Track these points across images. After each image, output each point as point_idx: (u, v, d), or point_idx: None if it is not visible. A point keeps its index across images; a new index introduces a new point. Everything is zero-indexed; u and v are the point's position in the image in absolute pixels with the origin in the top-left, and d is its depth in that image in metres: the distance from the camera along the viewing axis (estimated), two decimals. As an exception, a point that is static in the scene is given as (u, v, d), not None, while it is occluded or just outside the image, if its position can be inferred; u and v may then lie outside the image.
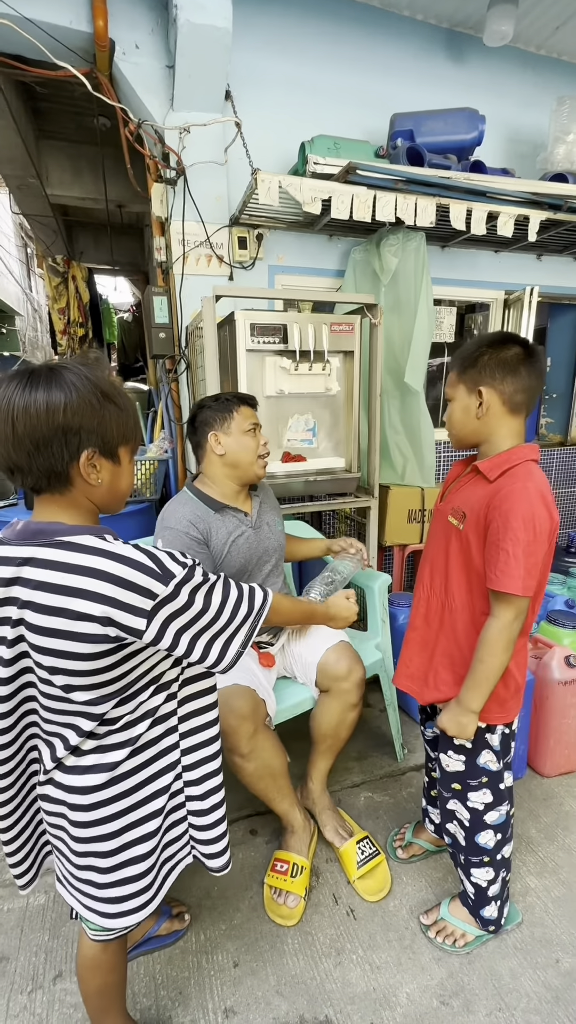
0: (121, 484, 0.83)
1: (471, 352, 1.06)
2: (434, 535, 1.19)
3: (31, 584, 0.72)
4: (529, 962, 1.24)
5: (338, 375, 2.05)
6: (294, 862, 1.39)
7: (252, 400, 1.52)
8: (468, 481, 1.12)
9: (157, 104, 2.23)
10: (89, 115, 3.35)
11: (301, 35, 2.43)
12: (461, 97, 2.66)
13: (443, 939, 1.26)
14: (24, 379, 0.70)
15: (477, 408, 1.06)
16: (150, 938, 1.25)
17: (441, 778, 1.24)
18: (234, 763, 1.33)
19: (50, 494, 0.76)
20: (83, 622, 0.70)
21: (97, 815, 0.82)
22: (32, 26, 1.97)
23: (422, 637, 1.22)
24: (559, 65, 2.92)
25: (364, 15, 2.51)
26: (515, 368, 1.03)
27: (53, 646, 0.72)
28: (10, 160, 3.75)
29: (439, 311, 3.01)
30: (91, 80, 2.12)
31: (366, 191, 2.11)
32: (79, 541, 0.73)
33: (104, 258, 5.88)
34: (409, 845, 1.49)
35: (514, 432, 1.07)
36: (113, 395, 0.76)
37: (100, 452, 0.76)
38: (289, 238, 2.58)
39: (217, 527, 1.45)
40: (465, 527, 1.06)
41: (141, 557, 0.74)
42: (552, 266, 3.12)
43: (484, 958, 1.25)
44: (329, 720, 1.49)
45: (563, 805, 1.70)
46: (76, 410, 0.71)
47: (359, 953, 1.26)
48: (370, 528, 2.24)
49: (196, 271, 2.39)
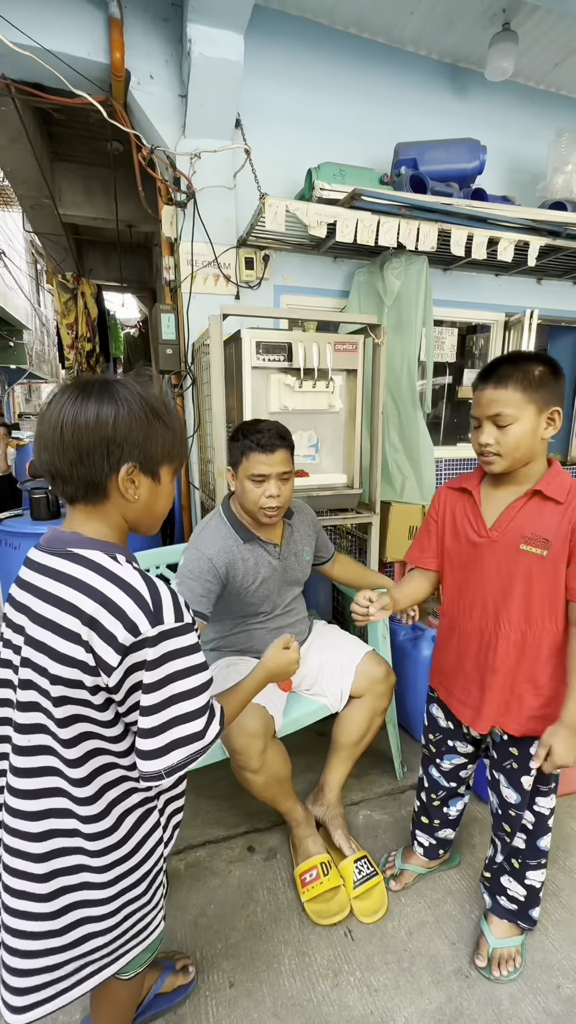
0: (158, 504, 0.81)
1: (531, 371, 1.01)
2: (493, 567, 1.11)
3: (36, 592, 0.72)
4: (529, 987, 1.22)
5: (341, 393, 2.08)
6: (319, 862, 1.42)
7: (272, 446, 1.38)
8: (525, 506, 1.07)
9: (169, 131, 2.31)
10: (103, 139, 3.46)
11: (309, 67, 2.53)
12: (463, 128, 2.75)
13: (510, 970, 1.23)
14: (78, 391, 0.72)
15: (545, 429, 1.03)
16: (156, 996, 1.15)
17: (501, 804, 1.24)
18: (245, 779, 1.35)
19: (84, 505, 0.75)
20: (66, 640, 0.68)
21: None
22: (52, 57, 2.06)
23: (484, 667, 1.15)
24: (558, 99, 3.02)
25: (370, 49, 2.61)
26: (564, 387, 1.05)
27: (39, 662, 0.70)
28: (25, 181, 3.86)
29: (441, 331, 3.07)
30: (107, 108, 2.20)
31: (370, 216, 2.17)
32: (86, 555, 0.72)
33: (113, 275, 6.00)
34: (401, 874, 1.45)
35: (546, 449, 1.09)
36: (163, 413, 0.76)
37: (141, 468, 0.75)
38: (295, 259, 2.64)
39: (244, 560, 1.46)
40: (551, 553, 1.04)
41: (140, 586, 0.70)
42: (552, 290, 3.19)
43: (484, 982, 1.23)
44: (358, 725, 1.53)
45: (564, 827, 1.68)
46: (123, 424, 0.72)
47: (357, 975, 1.24)
48: (371, 544, 2.26)
49: (203, 290, 2.45)
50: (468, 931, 1.35)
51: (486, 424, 1.04)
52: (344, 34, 2.56)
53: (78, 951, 0.78)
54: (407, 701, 2.01)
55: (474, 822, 1.69)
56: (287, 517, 1.59)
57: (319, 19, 2.49)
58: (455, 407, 3.28)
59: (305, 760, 1.71)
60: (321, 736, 1.69)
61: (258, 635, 1.60)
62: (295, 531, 1.60)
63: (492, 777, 1.26)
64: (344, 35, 2.56)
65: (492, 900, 1.30)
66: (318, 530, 1.71)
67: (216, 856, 1.56)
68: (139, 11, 2.17)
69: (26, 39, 1.99)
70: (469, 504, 1.16)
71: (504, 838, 1.26)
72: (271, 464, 1.38)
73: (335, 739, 1.55)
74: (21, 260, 10.46)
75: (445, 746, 1.32)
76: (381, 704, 1.54)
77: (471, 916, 1.39)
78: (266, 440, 1.37)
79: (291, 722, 1.51)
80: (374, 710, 1.53)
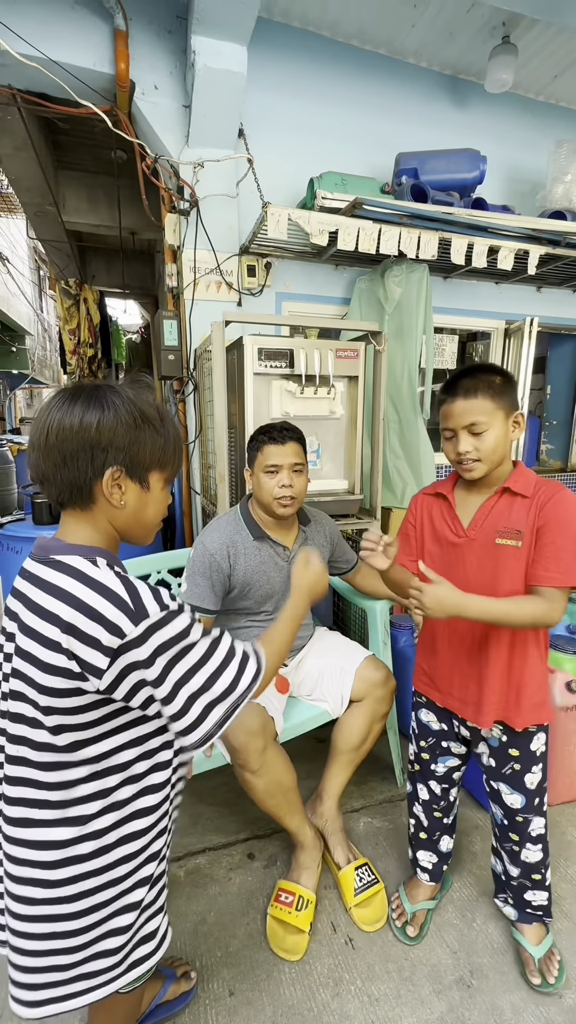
0: (148, 511, 0.80)
1: (494, 381, 1.10)
2: (475, 564, 1.16)
3: (24, 601, 0.73)
4: (531, 997, 1.21)
5: (342, 399, 2.09)
6: (299, 894, 1.35)
7: (283, 437, 1.46)
8: (497, 503, 1.14)
9: (173, 140, 2.34)
10: (107, 148, 3.50)
11: (311, 78, 2.56)
12: (463, 138, 2.79)
13: (556, 972, 1.23)
14: (68, 395, 0.73)
15: (513, 431, 1.12)
16: (158, 1005, 1.13)
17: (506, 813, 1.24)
18: (245, 780, 1.32)
19: (72, 509, 0.76)
20: (48, 649, 0.68)
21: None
22: (58, 67, 2.09)
23: (480, 662, 1.18)
24: (557, 111, 3.06)
25: (371, 61, 2.65)
26: (516, 393, 1.14)
27: (23, 670, 0.71)
28: (29, 189, 3.89)
29: (441, 339, 3.09)
30: (111, 117, 2.23)
31: (371, 225, 2.19)
32: (66, 561, 0.71)
33: (115, 282, 6.04)
34: (413, 917, 1.35)
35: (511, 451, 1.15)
36: (154, 420, 0.76)
37: (127, 473, 0.75)
38: (296, 267, 2.66)
39: (248, 555, 1.51)
40: (524, 543, 1.10)
41: (118, 587, 0.69)
42: (551, 298, 3.21)
43: (486, 992, 1.22)
44: (358, 731, 1.51)
45: (565, 835, 1.67)
46: (108, 428, 0.72)
47: (357, 984, 1.23)
48: (372, 550, 2.26)
49: (206, 297, 2.47)
50: (469, 939, 1.34)
51: (462, 434, 1.11)
52: (346, 46, 2.59)
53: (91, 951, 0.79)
54: (407, 707, 2.00)
55: (475, 829, 1.69)
56: (303, 524, 1.62)
57: (321, 31, 2.53)
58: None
59: (306, 767, 1.70)
60: (322, 743, 1.68)
61: (256, 634, 1.60)
62: (309, 539, 1.63)
63: (492, 788, 1.25)
64: (346, 47, 2.59)
65: (518, 912, 1.29)
66: (335, 542, 1.72)
67: (216, 863, 1.55)
68: (144, 23, 2.21)
69: (33, 50, 2.02)
70: (445, 508, 1.22)
71: (512, 848, 1.25)
72: (283, 455, 1.45)
73: (334, 743, 1.53)
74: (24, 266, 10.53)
75: (439, 748, 1.32)
76: (381, 709, 1.53)
77: (472, 924, 1.38)
78: (277, 433, 1.47)
79: (291, 727, 1.50)
80: (374, 715, 1.52)
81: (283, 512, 1.49)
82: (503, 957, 1.29)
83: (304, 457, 1.51)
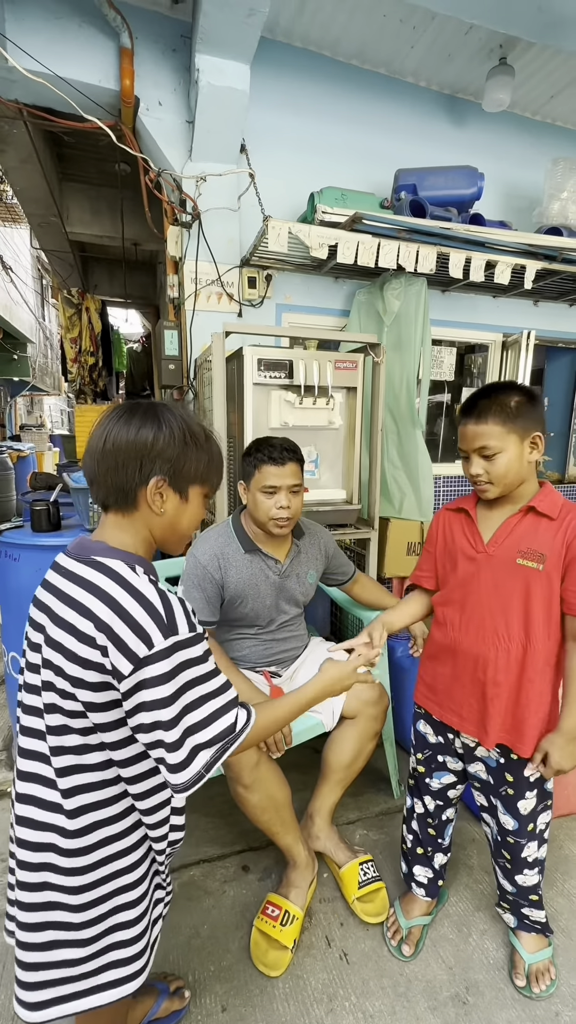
0: (183, 522, 0.85)
1: (507, 403, 1.06)
2: (491, 582, 1.14)
3: (57, 594, 0.77)
4: (528, 1014, 1.19)
5: (341, 410, 2.11)
6: (287, 909, 1.33)
7: (283, 458, 1.44)
8: (520, 522, 1.11)
9: (176, 155, 2.38)
10: (110, 161, 3.56)
11: (313, 96, 2.61)
12: (461, 156, 2.84)
13: (547, 983, 1.23)
14: (127, 409, 0.81)
15: (530, 454, 1.09)
16: (150, 1022, 1.13)
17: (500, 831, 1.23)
18: (237, 794, 1.31)
19: (115, 513, 0.81)
20: (81, 643, 0.72)
21: None
22: (63, 83, 2.13)
23: (485, 680, 1.15)
24: (553, 130, 3.12)
25: (371, 80, 2.70)
26: (543, 411, 1.11)
27: (57, 662, 0.74)
28: (34, 200, 3.95)
29: (439, 351, 3.12)
30: (115, 132, 2.27)
31: (371, 239, 2.23)
32: (107, 563, 0.76)
33: (117, 291, 6.10)
34: (409, 934, 1.33)
35: (536, 470, 1.14)
36: (200, 439, 0.83)
37: (169, 483, 0.80)
38: (297, 279, 2.70)
39: (239, 568, 1.50)
40: (546, 567, 1.08)
41: (155, 598, 0.74)
42: (548, 311, 3.25)
43: (481, 1009, 1.20)
44: (349, 749, 1.48)
45: (562, 849, 1.66)
46: (160, 442, 0.78)
47: (352, 1000, 1.21)
48: (369, 559, 2.27)
49: (207, 307, 2.50)
50: (465, 954, 1.32)
51: (474, 456, 1.10)
52: (346, 65, 2.65)
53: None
54: (404, 718, 2.00)
55: (471, 843, 1.67)
56: (296, 537, 1.61)
57: (323, 51, 2.59)
58: (453, 425, 3.32)
59: (303, 778, 1.69)
60: (319, 753, 1.67)
61: (247, 645, 1.60)
62: (302, 552, 1.61)
63: (489, 803, 1.24)
64: (346, 66, 2.65)
65: (517, 919, 1.29)
66: (330, 554, 1.70)
67: (210, 875, 1.53)
68: (149, 42, 2.26)
69: (40, 67, 2.06)
70: (467, 523, 1.20)
71: (505, 866, 1.25)
72: (281, 476, 1.44)
73: (325, 760, 1.51)
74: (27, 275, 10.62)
75: (435, 762, 1.30)
76: (373, 727, 1.49)
77: (468, 939, 1.36)
78: (277, 453, 1.44)
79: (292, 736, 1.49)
80: (365, 733, 1.48)
81: (278, 533, 1.48)
82: (499, 973, 1.28)
83: (302, 476, 1.49)
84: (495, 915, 1.41)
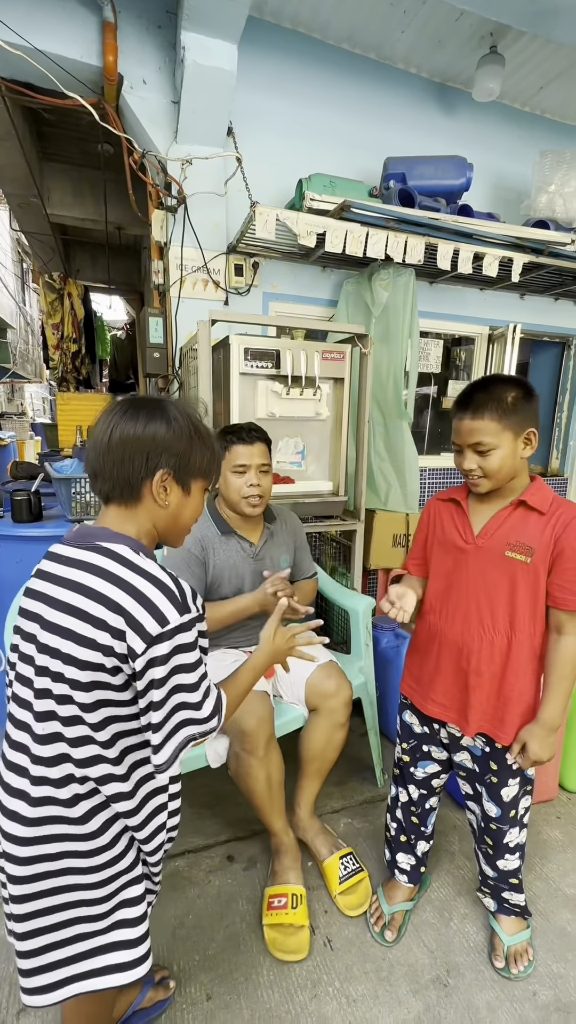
0: (185, 514, 0.87)
1: (504, 399, 1.05)
2: (478, 573, 1.15)
3: (57, 581, 0.76)
4: (506, 995, 1.22)
5: (328, 401, 2.10)
6: (291, 892, 1.35)
7: (251, 438, 1.50)
8: (511, 516, 1.12)
9: (161, 136, 2.32)
10: (93, 141, 3.45)
11: (302, 80, 2.56)
12: (451, 145, 2.82)
13: (525, 964, 1.27)
14: (133, 404, 0.82)
15: (523, 449, 1.09)
16: (135, 1012, 1.13)
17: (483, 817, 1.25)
18: (249, 766, 1.33)
19: (118, 505, 0.82)
20: (91, 626, 0.72)
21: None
22: (44, 57, 2.05)
23: (468, 670, 1.17)
24: (542, 121, 3.11)
25: (361, 65, 2.66)
26: (538, 407, 1.10)
27: (56, 646, 0.74)
28: (13, 179, 3.82)
29: (426, 343, 3.12)
30: (98, 110, 2.20)
31: (359, 228, 2.20)
32: (112, 547, 0.77)
33: (100, 277, 5.97)
34: (391, 919, 1.35)
35: (527, 465, 1.14)
36: (205, 435, 0.86)
37: (174, 476, 0.82)
38: (284, 267, 2.66)
39: (218, 550, 1.55)
40: (534, 560, 1.08)
41: (166, 579, 0.76)
42: (534, 305, 3.27)
43: (462, 991, 1.23)
44: (318, 740, 1.50)
45: (540, 834, 1.70)
46: (168, 436, 0.80)
47: (335, 985, 1.23)
48: (355, 551, 2.27)
49: (192, 295, 2.45)
50: (446, 938, 1.35)
51: (468, 451, 1.10)
52: (336, 49, 2.60)
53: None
54: (389, 709, 2.02)
55: (453, 830, 1.70)
56: (268, 521, 1.65)
57: (312, 33, 2.53)
58: (439, 417, 3.33)
59: (291, 767, 1.70)
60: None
61: (229, 628, 1.60)
62: (274, 536, 1.65)
63: (474, 791, 1.26)
64: (336, 50, 2.60)
65: (497, 903, 1.32)
66: (299, 544, 1.73)
67: (195, 865, 1.54)
68: (133, 16, 2.18)
69: (18, 39, 1.98)
70: (457, 513, 1.20)
71: (487, 851, 1.27)
72: (251, 455, 1.50)
73: (300, 753, 1.53)
74: (7, 258, 10.33)
75: (420, 752, 1.32)
76: (335, 718, 1.50)
77: (450, 924, 1.39)
78: (245, 434, 1.51)
79: (277, 727, 1.49)
80: (330, 724, 1.50)
81: (251, 512, 1.53)
82: (479, 955, 1.31)
83: (270, 459, 1.56)
84: (476, 900, 1.44)
